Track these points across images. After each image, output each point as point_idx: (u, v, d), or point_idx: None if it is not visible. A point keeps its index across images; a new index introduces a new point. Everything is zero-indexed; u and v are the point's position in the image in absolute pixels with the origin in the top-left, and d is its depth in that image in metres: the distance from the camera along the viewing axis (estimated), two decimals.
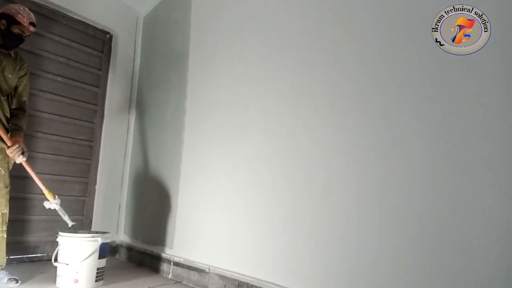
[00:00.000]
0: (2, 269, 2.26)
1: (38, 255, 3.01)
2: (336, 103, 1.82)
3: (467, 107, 1.34)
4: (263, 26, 2.33)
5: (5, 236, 2.25)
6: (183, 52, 3.09)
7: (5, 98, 2.36)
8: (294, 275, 1.86)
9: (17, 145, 2.25)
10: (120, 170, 3.65)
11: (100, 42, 3.68)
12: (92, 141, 3.54)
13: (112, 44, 3.75)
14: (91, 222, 3.44)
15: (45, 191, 2.37)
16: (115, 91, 3.68)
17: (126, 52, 3.78)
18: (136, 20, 3.92)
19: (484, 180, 1.27)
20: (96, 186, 3.52)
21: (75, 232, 2.40)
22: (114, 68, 3.67)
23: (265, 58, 2.27)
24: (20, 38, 2.39)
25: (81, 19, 3.48)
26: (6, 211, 2.26)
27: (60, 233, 2.31)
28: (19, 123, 2.40)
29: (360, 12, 1.78)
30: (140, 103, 3.74)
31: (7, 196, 2.27)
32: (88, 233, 2.48)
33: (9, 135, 2.30)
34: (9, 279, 2.19)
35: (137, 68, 3.86)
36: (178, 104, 3.05)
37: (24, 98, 2.48)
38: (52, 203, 2.38)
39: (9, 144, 2.24)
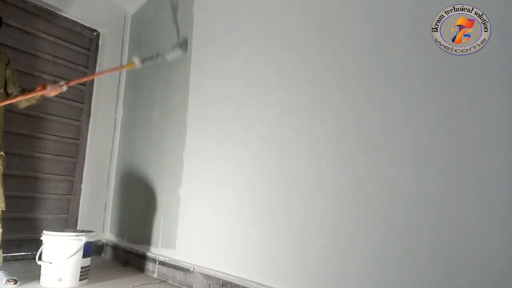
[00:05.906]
0: None
1: (22, 253, 3.00)
2: (326, 101, 1.82)
3: (466, 107, 1.33)
4: (251, 26, 2.34)
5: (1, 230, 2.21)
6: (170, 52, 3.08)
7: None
8: (278, 275, 1.87)
9: (47, 88, 2.26)
10: (107, 169, 3.64)
11: (87, 40, 3.66)
12: (78, 139, 3.52)
13: (100, 42, 3.73)
14: (76, 220, 3.43)
15: (125, 68, 2.99)
16: (102, 90, 3.66)
17: (114, 50, 3.76)
18: (124, 18, 3.90)
19: (483, 182, 1.25)
20: (82, 185, 3.51)
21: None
22: (101, 66, 3.65)
23: (253, 60, 2.28)
24: None
25: (68, 16, 3.46)
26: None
27: (44, 231, 2.31)
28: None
29: (359, 11, 1.75)
30: (127, 102, 3.74)
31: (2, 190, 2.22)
32: (73, 231, 2.48)
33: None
34: (8, 280, 2.15)
35: None
36: (164, 104, 3.06)
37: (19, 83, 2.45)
38: (137, 66, 2.73)
39: (40, 91, 2.27)
